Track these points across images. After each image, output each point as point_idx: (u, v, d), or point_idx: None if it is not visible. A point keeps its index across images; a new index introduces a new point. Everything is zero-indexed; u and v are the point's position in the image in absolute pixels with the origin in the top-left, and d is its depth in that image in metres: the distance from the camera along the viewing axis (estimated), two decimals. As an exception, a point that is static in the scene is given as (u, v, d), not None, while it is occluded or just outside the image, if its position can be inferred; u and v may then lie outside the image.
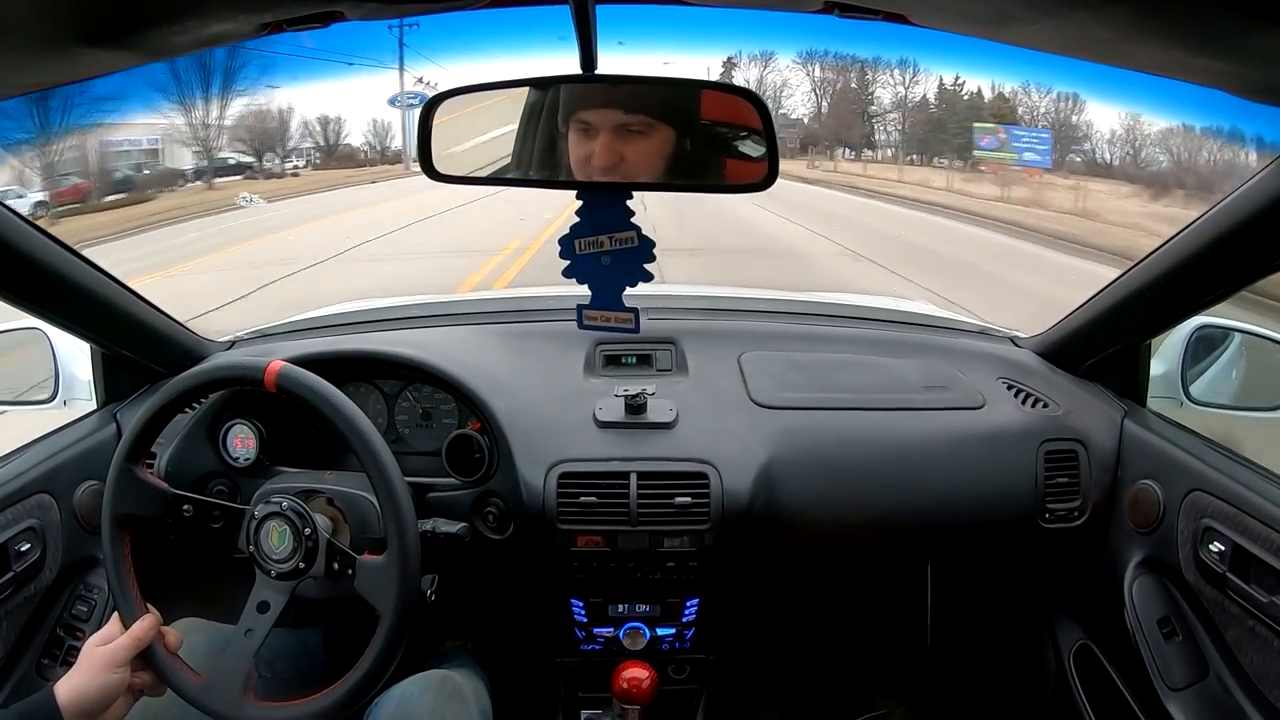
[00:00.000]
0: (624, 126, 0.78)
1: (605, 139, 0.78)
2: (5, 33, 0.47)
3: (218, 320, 2.31)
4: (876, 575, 1.39)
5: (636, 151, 0.79)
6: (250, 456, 1.08)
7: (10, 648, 1.03)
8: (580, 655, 1.20)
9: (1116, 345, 1.20)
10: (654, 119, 0.79)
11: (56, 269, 0.99)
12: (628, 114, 0.78)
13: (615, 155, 0.78)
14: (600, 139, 0.78)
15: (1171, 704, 0.99)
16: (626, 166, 0.78)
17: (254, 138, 15.61)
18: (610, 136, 0.78)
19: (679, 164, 0.81)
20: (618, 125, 0.78)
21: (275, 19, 0.56)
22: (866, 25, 0.63)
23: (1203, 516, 0.97)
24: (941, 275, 6.82)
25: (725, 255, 7.75)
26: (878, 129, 19.53)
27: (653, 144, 0.79)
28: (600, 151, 0.78)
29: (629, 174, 0.79)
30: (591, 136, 0.79)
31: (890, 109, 19.48)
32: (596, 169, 0.78)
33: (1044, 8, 0.46)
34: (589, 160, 0.79)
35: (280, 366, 0.91)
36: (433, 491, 1.10)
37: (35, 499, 1.05)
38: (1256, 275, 0.90)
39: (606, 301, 0.85)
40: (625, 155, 0.78)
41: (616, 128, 0.78)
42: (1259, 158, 0.81)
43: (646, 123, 0.78)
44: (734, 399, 1.20)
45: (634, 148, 0.78)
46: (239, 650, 0.89)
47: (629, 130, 0.78)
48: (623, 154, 0.78)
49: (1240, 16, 0.42)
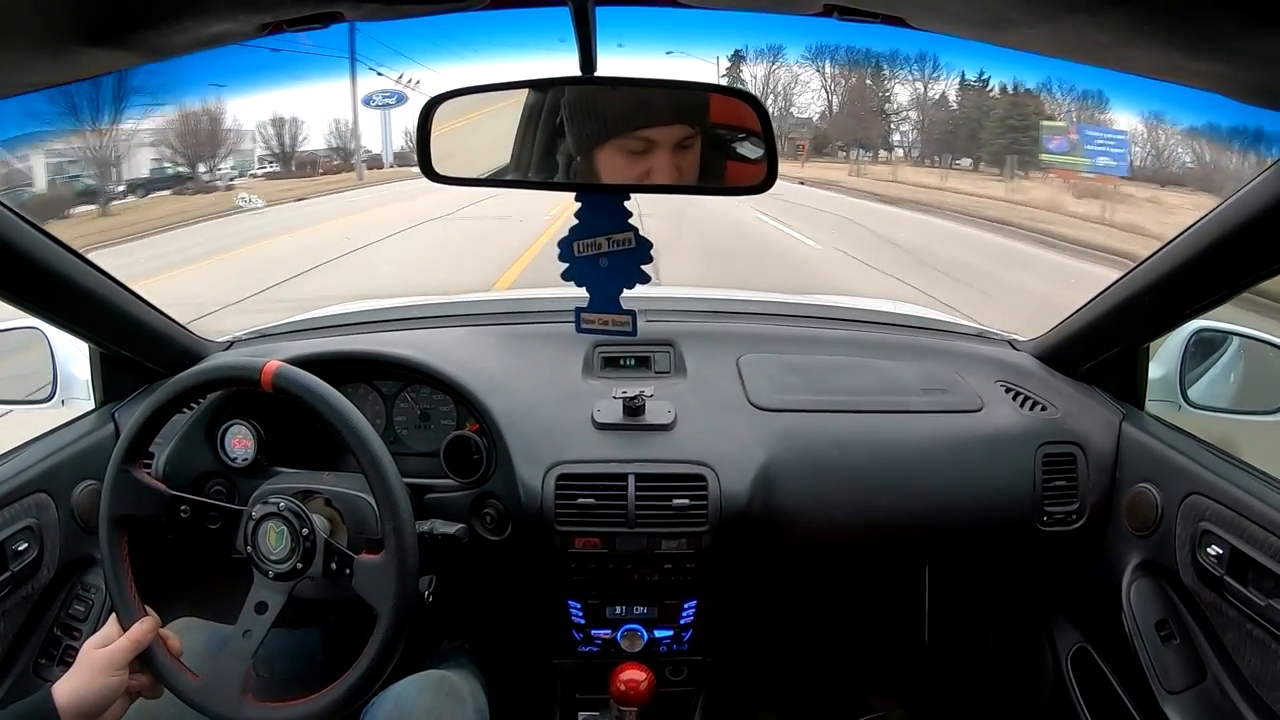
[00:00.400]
0: (682, 140, 0.78)
1: (665, 156, 0.78)
2: (4, 31, 0.47)
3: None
4: (874, 577, 1.39)
5: (687, 163, 0.79)
6: (248, 457, 1.08)
7: (7, 647, 1.03)
8: (578, 657, 1.20)
9: (1115, 348, 1.20)
10: (695, 128, 0.79)
11: (55, 268, 0.99)
12: (687, 127, 0.77)
13: (675, 170, 0.78)
14: (662, 155, 0.78)
15: (1169, 707, 0.99)
16: (681, 180, 0.79)
17: (189, 145, 14.56)
18: (669, 153, 0.78)
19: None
20: (677, 140, 0.78)
21: (275, 19, 0.56)
22: (867, 27, 0.64)
23: (1200, 520, 0.97)
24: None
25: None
26: (908, 128, 18.29)
27: (695, 154, 0.80)
28: (663, 169, 0.77)
29: (674, 182, 0.79)
30: (648, 153, 0.78)
31: (927, 105, 17.93)
32: (651, 182, 0.78)
33: (1042, 12, 0.46)
34: (645, 177, 0.78)
35: (277, 366, 0.91)
36: (431, 492, 1.10)
37: (33, 498, 1.05)
38: (1255, 279, 0.90)
39: (604, 304, 0.85)
40: (681, 168, 0.78)
41: (676, 143, 0.78)
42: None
43: (693, 131, 0.79)
44: (732, 401, 1.20)
45: (686, 160, 0.79)
46: (237, 651, 0.88)
47: (684, 144, 0.78)
48: (680, 167, 0.78)
49: (1237, 20, 0.42)
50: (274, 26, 0.58)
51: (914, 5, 0.56)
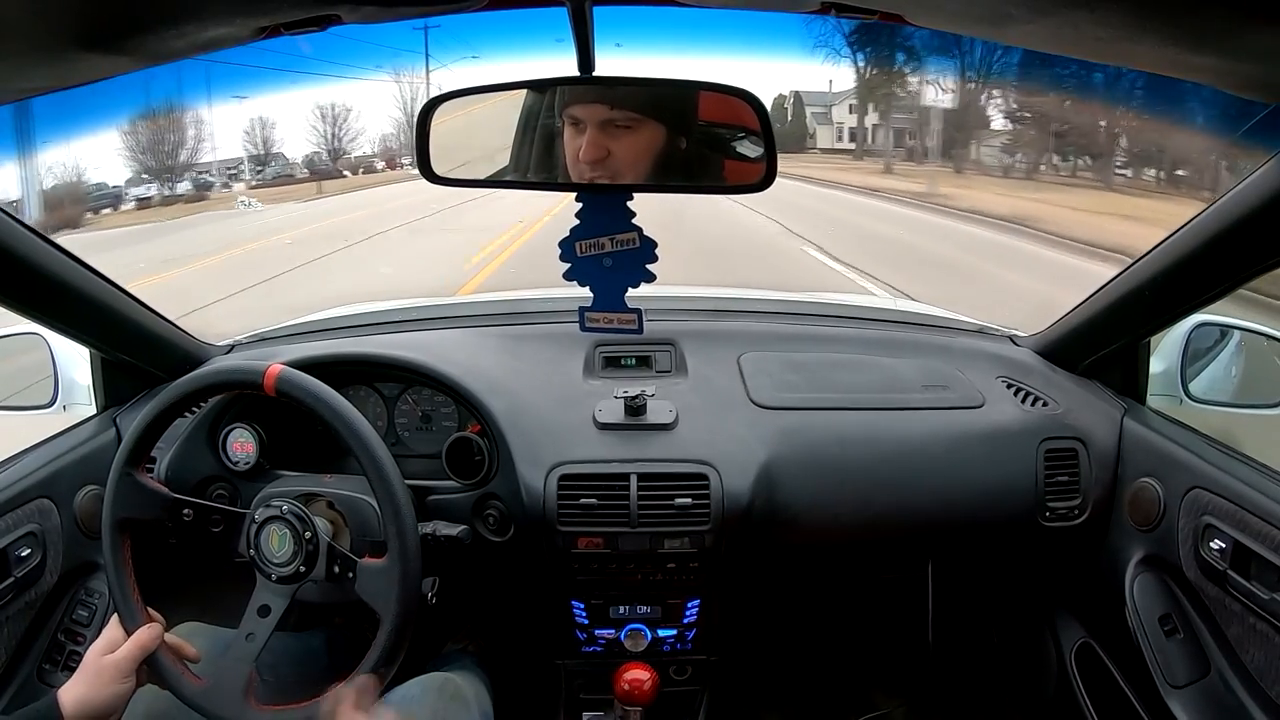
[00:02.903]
0: (610, 121, 0.79)
1: (592, 134, 0.79)
2: (0, 38, 0.47)
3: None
4: (877, 575, 1.39)
5: (623, 147, 0.79)
6: (250, 460, 1.08)
7: (11, 653, 1.03)
8: (581, 657, 1.20)
9: (1116, 343, 1.20)
10: (641, 115, 0.80)
11: (56, 274, 0.99)
12: (613, 109, 0.79)
13: (601, 150, 0.79)
14: (588, 134, 0.79)
15: (1173, 701, 0.99)
16: (613, 162, 0.79)
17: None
18: (596, 131, 0.79)
19: (674, 164, 0.81)
20: (604, 120, 0.79)
21: (272, 22, 0.56)
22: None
23: (1203, 514, 0.97)
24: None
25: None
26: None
27: (640, 140, 0.80)
28: (587, 146, 0.79)
29: (616, 170, 0.80)
30: (581, 132, 0.79)
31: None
32: (584, 164, 0.79)
33: (1041, 8, 0.46)
34: (578, 155, 0.79)
35: (279, 370, 0.91)
36: (433, 494, 1.10)
37: (35, 504, 1.05)
38: (1255, 272, 0.90)
39: (609, 303, 0.85)
40: (612, 150, 0.79)
41: (603, 123, 0.79)
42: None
43: (633, 118, 0.79)
44: (733, 400, 1.20)
45: (620, 143, 0.79)
46: (241, 654, 0.88)
47: (615, 125, 0.79)
48: (609, 149, 0.79)
49: (1235, 15, 0.42)
50: (271, 30, 0.58)
51: (913, 2, 0.56)
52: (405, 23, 0.64)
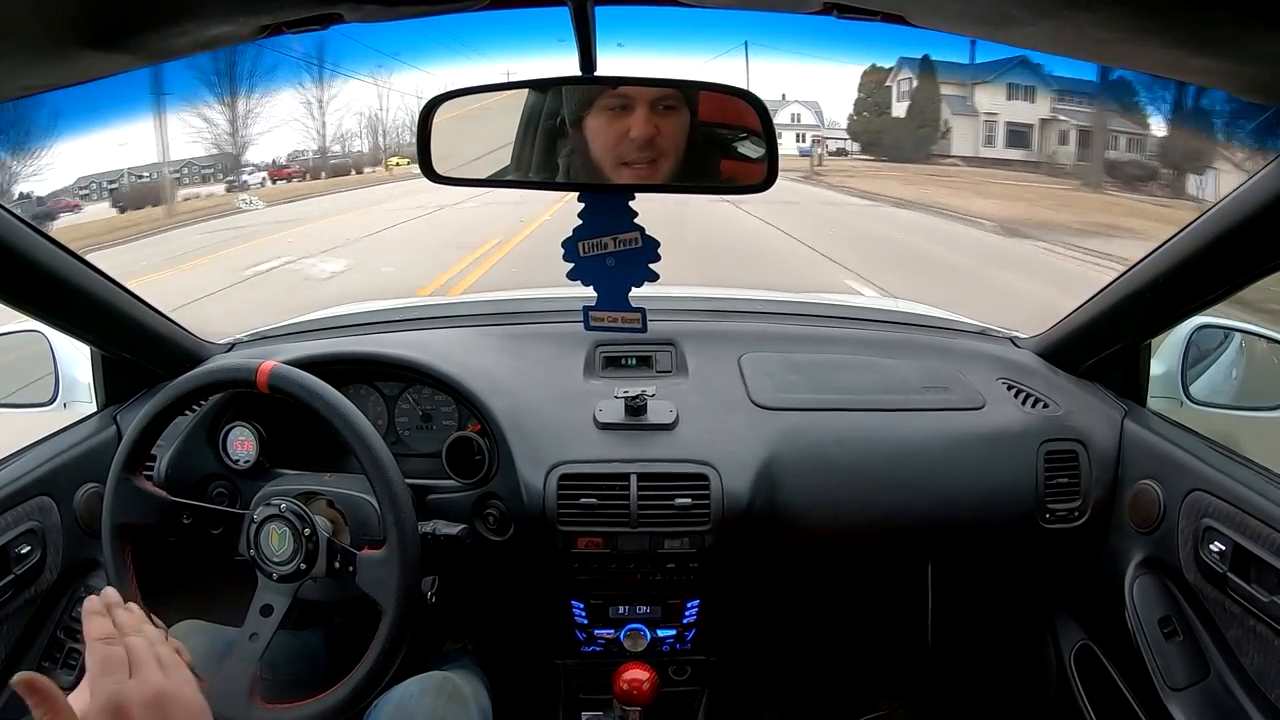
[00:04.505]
0: (659, 100, 0.79)
1: (643, 111, 0.79)
2: (1, 35, 0.47)
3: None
4: (877, 576, 1.39)
5: (669, 126, 0.80)
6: (250, 459, 1.08)
7: (10, 651, 1.03)
8: (581, 657, 1.20)
9: (1116, 345, 1.20)
10: (682, 104, 0.81)
11: (56, 272, 0.99)
12: (671, 93, 0.80)
13: (652, 127, 0.79)
14: (638, 112, 0.79)
15: (1172, 704, 0.99)
16: (660, 142, 0.80)
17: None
18: (647, 110, 0.79)
19: (691, 156, 0.82)
20: (654, 99, 0.79)
21: (274, 21, 0.56)
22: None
23: (1203, 516, 0.97)
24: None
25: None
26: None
27: (681, 122, 0.81)
28: (640, 123, 0.79)
29: (661, 151, 0.80)
30: (627, 113, 0.79)
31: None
32: (634, 143, 0.79)
33: (1043, 9, 0.46)
34: (623, 138, 0.79)
35: (272, 367, 0.92)
36: (433, 493, 1.10)
37: (35, 501, 1.05)
38: (1256, 275, 0.89)
39: (613, 302, 0.85)
40: (661, 129, 0.80)
41: (653, 101, 0.79)
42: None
43: (677, 98, 0.80)
44: (734, 400, 1.20)
45: (667, 123, 0.80)
46: (244, 654, 0.89)
47: (665, 105, 0.80)
48: (659, 127, 0.79)
49: (1237, 18, 0.42)
50: (273, 28, 0.58)
51: (914, 3, 0.56)
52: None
